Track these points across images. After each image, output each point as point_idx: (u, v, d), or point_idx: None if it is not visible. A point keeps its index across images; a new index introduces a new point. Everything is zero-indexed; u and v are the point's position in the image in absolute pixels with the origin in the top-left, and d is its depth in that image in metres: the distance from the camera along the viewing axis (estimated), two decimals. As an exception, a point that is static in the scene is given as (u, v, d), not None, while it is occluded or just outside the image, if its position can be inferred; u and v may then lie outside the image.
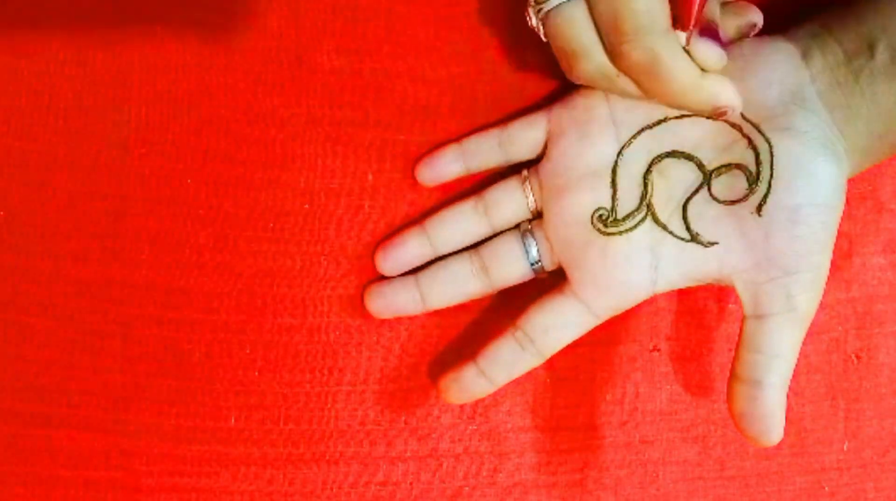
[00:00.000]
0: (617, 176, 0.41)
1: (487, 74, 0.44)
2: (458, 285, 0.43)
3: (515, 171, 0.43)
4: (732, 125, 0.40)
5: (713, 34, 0.37)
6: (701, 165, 0.40)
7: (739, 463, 0.46)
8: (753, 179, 0.39)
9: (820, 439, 0.46)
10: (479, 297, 0.43)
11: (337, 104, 0.44)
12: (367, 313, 0.44)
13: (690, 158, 0.40)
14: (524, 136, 0.42)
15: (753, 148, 0.39)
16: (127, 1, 0.43)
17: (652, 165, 0.41)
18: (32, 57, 0.43)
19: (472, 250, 0.43)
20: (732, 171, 0.40)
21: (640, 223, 0.40)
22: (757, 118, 0.39)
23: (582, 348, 0.42)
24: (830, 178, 0.38)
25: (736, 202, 0.39)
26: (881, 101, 0.39)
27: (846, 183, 0.39)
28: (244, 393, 0.44)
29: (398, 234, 0.44)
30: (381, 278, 0.44)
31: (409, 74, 0.44)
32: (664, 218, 0.40)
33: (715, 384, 0.46)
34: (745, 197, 0.39)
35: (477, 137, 0.43)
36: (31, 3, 0.43)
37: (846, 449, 0.46)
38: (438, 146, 0.44)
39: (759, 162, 0.39)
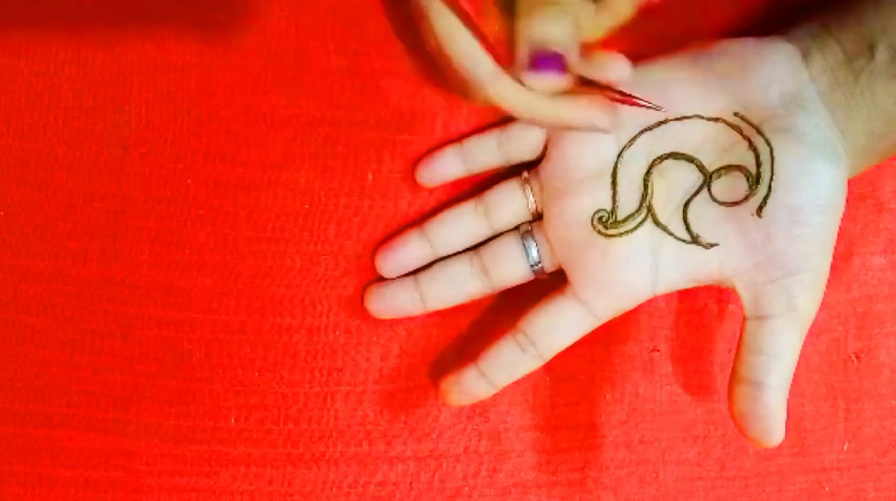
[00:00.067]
0: (617, 177, 0.41)
1: (488, 75, 0.44)
2: (458, 286, 0.43)
3: (515, 172, 0.43)
4: (732, 127, 0.40)
5: (547, 59, 0.35)
6: (701, 167, 0.40)
7: (739, 463, 0.46)
8: (754, 181, 0.39)
9: (820, 439, 0.46)
10: (479, 298, 0.43)
11: (337, 104, 0.44)
12: (367, 313, 0.44)
13: (691, 160, 0.40)
14: (524, 137, 0.42)
15: (754, 149, 0.39)
16: (127, 1, 0.43)
17: (652, 167, 0.41)
18: (32, 57, 0.43)
19: (472, 251, 0.43)
20: (733, 172, 0.40)
21: (640, 225, 0.40)
22: (757, 119, 0.39)
23: (582, 348, 0.42)
24: (831, 178, 0.38)
25: (736, 204, 0.39)
26: (881, 101, 0.39)
27: (846, 183, 0.39)
28: (244, 393, 0.44)
29: (398, 235, 0.44)
30: (381, 278, 0.44)
31: (409, 75, 0.44)
32: (664, 219, 0.40)
33: (715, 385, 0.46)
34: (745, 198, 0.39)
35: (477, 138, 0.43)
36: (31, 3, 0.43)
37: (846, 449, 0.46)
38: (438, 147, 0.44)
39: (759, 163, 0.39)
